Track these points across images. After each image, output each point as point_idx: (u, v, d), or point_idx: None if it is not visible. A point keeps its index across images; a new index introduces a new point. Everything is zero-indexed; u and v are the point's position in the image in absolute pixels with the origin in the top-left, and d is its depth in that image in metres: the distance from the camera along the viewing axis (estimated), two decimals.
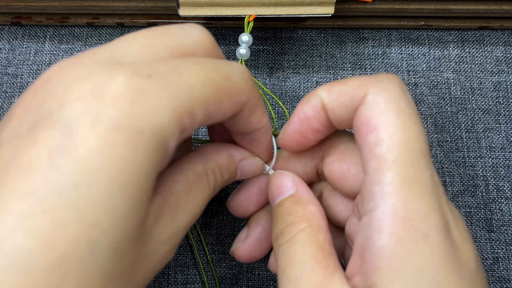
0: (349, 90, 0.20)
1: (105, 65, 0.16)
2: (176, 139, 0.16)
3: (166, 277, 0.28)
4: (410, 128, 0.18)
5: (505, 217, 0.29)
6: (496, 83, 0.32)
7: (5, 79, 0.33)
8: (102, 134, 0.14)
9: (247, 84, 0.19)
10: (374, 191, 0.18)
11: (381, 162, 0.18)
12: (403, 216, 0.17)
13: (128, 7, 0.31)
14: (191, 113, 0.16)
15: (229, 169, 0.22)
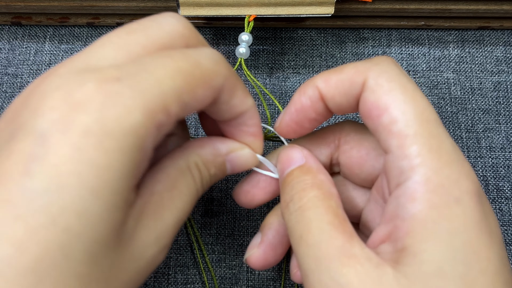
0: (347, 78, 0.20)
1: (77, 73, 0.16)
2: (152, 137, 0.16)
3: (166, 277, 0.28)
4: (419, 101, 0.19)
5: (505, 217, 0.29)
6: (496, 83, 0.32)
7: (5, 79, 0.33)
8: (73, 140, 0.15)
9: (219, 67, 0.19)
10: (403, 166, 0.18)
11: (403, 138, 0.18)
12: (436, 184, 0.17)
13: (128, 7, 0.31)
14: (165, 108, 0.16)
15: (215, 162, 0.21)
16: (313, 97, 0.21)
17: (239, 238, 0.29)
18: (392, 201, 0.18)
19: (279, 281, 0.28)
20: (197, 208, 0.29)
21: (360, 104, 0.20)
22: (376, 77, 0.19)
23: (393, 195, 0.18)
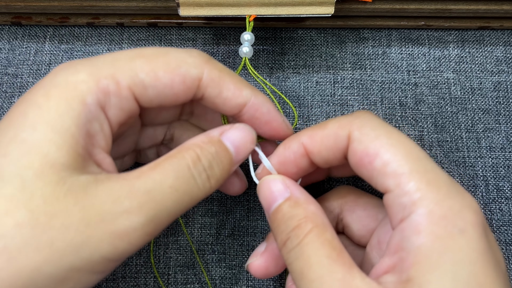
0: (331, 133, 0.21)
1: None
2: (94, 95, 0.19)
3: (166, 277, 0.28)
4: (406, 142, 0.20)
5: (505, 217, 0.29)
6: (496, 83, 0.32)
7: (5, 79, 0.33)
8: (30, 93, 0.19)
9: (194, 59, 0.20)
10: (404, 202, 0.18)
11: (399, 177, 0.19)
12: (439, 215, 0.17)
13: (128, 7, 0.31)
14: (111, 75, 0.19)
15: (212, 142, 0.21)
16: (297, 152, 0.22)
17: (239, 238, 0.29)
18: (396, 235, 0.19)
19: (279, 281, 0.28)
20: (197, 208, 0.29)
21: (349, 155, 0.21)
22: (360, 128, 0.20)
23: (397, 229, 0.19)
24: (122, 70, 0.19)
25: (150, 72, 0.19)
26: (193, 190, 0.20)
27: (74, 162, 0.18)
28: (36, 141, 0.18)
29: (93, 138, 0.19)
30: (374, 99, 0.32)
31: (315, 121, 0.31)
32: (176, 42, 0.34)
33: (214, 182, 0.21)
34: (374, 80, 0.32)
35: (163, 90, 0.20)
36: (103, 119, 0.19)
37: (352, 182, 0.30)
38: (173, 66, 0.20)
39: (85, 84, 0.19)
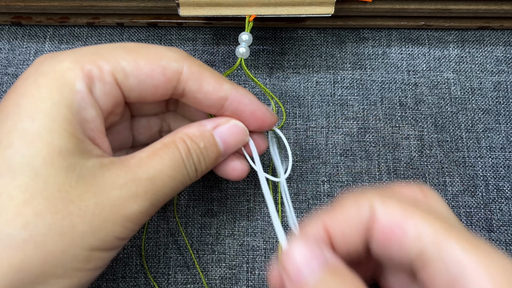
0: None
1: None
2: (82, 81, 0.19)
3: (166, 277, 0.28)
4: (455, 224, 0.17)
5: (505, 217, 0.29)
6: (496, 83, 0.32)
7: (5, 79, 0.33)
8: (19, 81, 0.20)
9: (174, 53, 0.21)
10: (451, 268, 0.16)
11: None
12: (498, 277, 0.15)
13: (128, 7, 0.31)
14: (94, 62, 0.20)
15: (202, 136, 0.22)
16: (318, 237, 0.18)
17: (239, 238, 0.29)
18: None
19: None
20: (197, 208, 0.29)
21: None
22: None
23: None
24: (104, 57, 0.20)
25: (132, 61, 0.20)
26: (185, 179, 0.22)
27: (78, 147, 0.19)
28: (37, 131, 0.18)
29: (90, 123, 0.20)
30: (374, 99, 0.32)
31: (315, 121, 0.31)
32: (176, 42, 0.34)
33: (200, 173, 0.23)
34: (374, 80, 0.32)
35: (144, 79, 0.21)
36: (94, 103, 0.20)
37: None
38: (154, 58, 0.21)
39: (71, 72, 0.20)
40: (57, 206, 0.18)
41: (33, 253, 0.18)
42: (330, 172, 0.30)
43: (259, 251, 0.29)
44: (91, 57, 0.20)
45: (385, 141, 0.31)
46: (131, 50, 0.21)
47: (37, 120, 0.18)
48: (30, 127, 0.18)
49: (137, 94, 0.21)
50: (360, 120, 0.31)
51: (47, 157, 0.18)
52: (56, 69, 0.20)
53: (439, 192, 0.30)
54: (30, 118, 0.19)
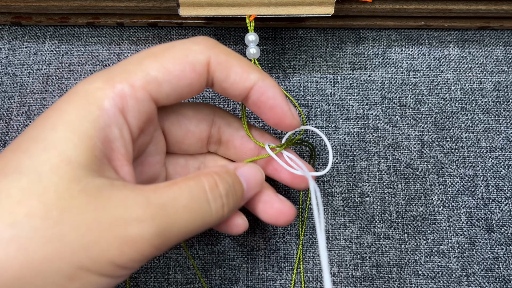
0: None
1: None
2: (111, 100, 0.19)
3: (166, 277, 0.28)
4: None
5: (505, 217, 0.29)
6: (496, 83, 0.32)
7: (5, 79, 0.33)
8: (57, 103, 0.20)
9: (199, 46, 0.21)
10: None
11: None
12: None
13: (128, 7, 0.31)
14: (125, 79, 0.20)
15: (229, 173, 0.22)
16: None
17: (239, 238, 0.29)
18: None
19: (279, 281, 0.28)
20: None
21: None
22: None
23: None
24: (134, 72, 0.20)
25: (160, 67, 0.20)
26: (205, 214, 0.20)
27: (91, 163, 0.19)
28: (54, 140, 0.18)
29: (112, 144, 0.20)
30: (374, 99, 0.32)
31: (315, 121, 0.31)
32: None
33: (227, 211, 0.21)
34: (374, 80, 0.32)
35: (177, 82, 0.21)
36: (122, 124, 0.20)
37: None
38: (181, 56, 0.20)
39: (101, 91, 0.20)
40: (50, 212, 0.17)
41: (13, 254, 0.16)
42: (330, 172, 0.30)
43: (259, 251, 0.29)
44: (121, 75, 0.20)
45: (385, 141, 0.31)
46: (157, 55, 0.20)
47: (58, 131, 0.19)
48: (49, 136, 0.19)
49: (173, 98, 0.21)
50: (360, 120, 0.31)
51: (54, 164, 0.18)
52: (87, 88, 0.20)
53: (439, 192, 0.30)
54: (52, 128, 0.19)
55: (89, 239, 0.17)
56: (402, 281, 0.28)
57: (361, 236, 0.29)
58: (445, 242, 0.29)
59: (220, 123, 0.25)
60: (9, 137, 0.31)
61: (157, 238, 0.18)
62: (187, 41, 0.21)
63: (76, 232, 0.17)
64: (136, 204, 0.18)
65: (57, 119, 0.19)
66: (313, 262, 0.28)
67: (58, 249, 0.17)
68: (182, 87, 0.21)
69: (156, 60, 0.20)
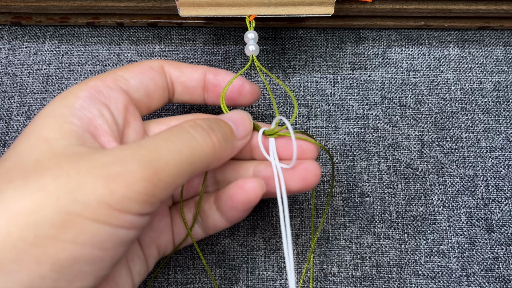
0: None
1: None
2: (86, 91, 0.22)
3: (166, 277, 0.28)
4: None
5: (505, 217, 0.29)
6: (496, 83, 0.32)
7: (5, 79, 0.33)
8: None
9: (152, 60, 0.26)
10: None
11: None
12: None
13: (128, 7, 0.31)
14: (97, 78, 0.23)
15: (208, 116, 0.24)
16: None
17: (239, 238, 0.29)
18: None
19: (279, 281, 0.28)
20: None
21: None
22: None
23: None
24: (104, 75, 0.24)
25: (125, 70, 0.24)
26: (191, 143, 0.20)
27: (68, 137, 0.20)
28: (32, 128, 0.20)
29: (93, 121, 0.21)
30: (374, 99, 0.32)
31: (315, 121, 0.31)
32: (176, 42, 0.34)
33: (216, 140, 0.21)
34: (374, 80, 0.32)
35: (141, 77, 0.24)
36: (100, 105, 0.22)
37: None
38: (140, 64, 0.25)
39: (76, 87, 0.22)
40: (30, 173, 0.18)
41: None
42: (330, 172, 0.30)
43: (259, 251, 0.29)
44: (95, 77, 0.23)
45: (385, 141, 0.31)
46: (122, 67, 0.25)
47: (35, 121, 0.21)
48: (28, 129, 0.21)
49: (143, 92, 0.24)
50: (360, 120, 0.31)
51: (31, 145, 0.19)
52: (65, 91, 0.23)
53: (439, 192, 0.30)
54: (32, 123, 0.21)
55: (71, 184, 0.17)
56: (402, 281, 0.28)
57: (361, 236, 0.29)
58: (445, 242, 0.29)
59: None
60: (9, 137, 0.31)
61: (144, 169, 0.18)
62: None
63: (56, 181, 0.17)
64: (114, 150, 0.19)
65: (38, 116, 0.21)
66: (313, 262, 0.28)
67: (41, 198, 0.17)
68: (146, 80, 0.24)
69: (121, 68, 0.24)
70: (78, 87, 0.22)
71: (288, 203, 0.30)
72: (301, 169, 0.23)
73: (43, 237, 0.16)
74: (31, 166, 0.18)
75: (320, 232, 0.29)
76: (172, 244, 0.25)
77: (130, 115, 0.24)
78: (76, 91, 0.22)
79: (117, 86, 0.23)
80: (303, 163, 0.23)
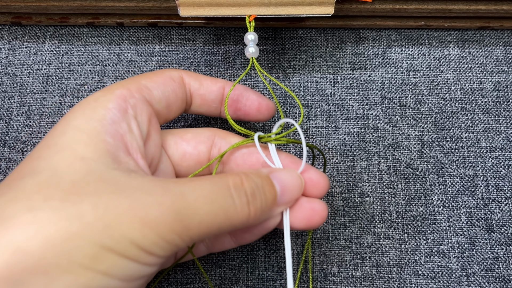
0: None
1: None
2: (114, 101, 0.21)
3: (166, 277, 0.28)
4: None
5: (505, 217, 0.29)
6: (496, 83, 0.32)
7: (5, 79, 0.33)
8: None
9: (171, 70, 0.26)
10: None
11: None
12: None
13: (128, 7, 0.31)
14: (122, 86, 0.22)
15: (258, 174, 0.21)
16: None
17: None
18: None
19: (279, 281, 0.28)
20: None
21: None
22: None
23: None
24: (128, 83, 0.23)
25: (148, 79, 0.24)
26: (229, 209, 0.19)
27: (104, 157, 0.19)
28: (65, 142, 0.19)
29: (124, 137, 0.21)
30: (374, 99, 0.32)
31: (315, 121, 0.31)
32: (176, 42, 0.34)
33: (253, 211, 0.20)
34: (374, 80, 0.32)
35: (163, 88, 0.24)
36: (129, 119, 0.21)
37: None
38: (161, 74, 0.25)
39: (103, 96, 0.22)
40: (68, 196, 0.17)
41: (33, 234, 0.16)
42: (330, 172, 0.30)
43: (259, 251, 0.29)
44: (117, 86, 0.22)
45: (385, 141, 0.31)
46: (143, 75, 0.24)
47: (67, 134, 0.20)
48: (59, 140, 0.20)
49: (165, 103, 0.24)
50: (360, 120, 0.31)
51: (68, 162, 0.18)
52: (88, 98, 0.22)
53: (439, 192, 0.30)
54: (61, 134, 0.20)
55: (108, 218, 0.17)
56: (402, 281, 0.28)
57: (361, 236, 0.29)
58: (445, 242, 0.29)
59: (220, 144, 0.25)
60: (9, 137, 0.31)
61: (178, 223, 0.18)
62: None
63: (95, 212, 0.17)
64: (155, 190, 0.18)
65: (65, 126, 0.20)
66: (313, 262, 0.28)
67: (78, 228, 0.17)
68: (168, 92, 0.24)
69: (143, 76, 0.24)
70: (105, 96, 0.21)
71: None
72: (307, 209, 0.23)
73: (76, 266, 0.17)
74: (69, 187, 0.18)
75: (303, 234, 0.29)
76: (173, 259, 0.25)
77: (152, 128, 0.23)
78: (105, 102, 0.21)
79: (142, 96, 0.23)
80: (311, 203, 0.23)
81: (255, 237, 0.24)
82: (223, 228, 0.20)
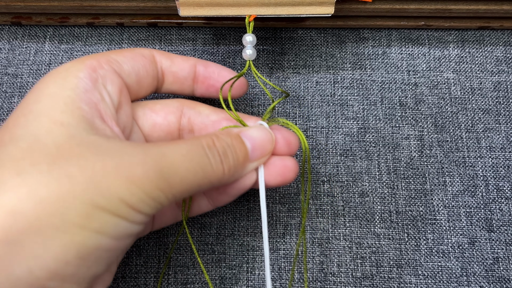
0: None
1: None
2: (85, 71, 0.22)
3: (166, 277, 0.28)
4: None
5: (505, 217, 0.29)
6: (496, 83, 0.32)
7: (5, 79, 0.33)
8: None
9: (143, 48, 0.27)
10: None
11: None
12: None
13: (128, 7, 0.31)
14: (92, 58, 0.23)
15: (228, 134, 0.23)
16: None
17: (239, 238, 0.29)
18: None
19: (279, 281, 0.28)
20: None
21: None
22: None
23: None
24: (98, 55, 0.23)
25: (118, 54, 0.24)
26: (206, 167, 0.21)
27: (82, 123, 0.20)
28: (41, 109, 0.19)
29: (98, 105, 0.21)
30: (374, 99, 0.32)
31: (315, 121, 0.31)
32: (176, 42, 0.34)
33: (227, 169, 0.22)
34: (374, 80, 0.32)
35: (133, 63, 0.24)
36: (101, 88, 0.22)
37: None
38: (132, 50, 0.25)
39: (73, 66, 0.22)
40: (55, 160, 0.18)
41: (25, 196, 0.17)
42: (330, 172, 0.30)
43: (259, 251, 0.29)
44: (89, 56, 0.23)
45: (385, 141, 0.31)
46: (114, 50, 0.24)
47: (42, 102, 0.20)
48: (34, 108, 0.20)
49: (135, 77, 0.24)
50: (360, 120, 0.31)
51: (48, 128, 0.19)
52: (59, 69, 0.22)
53: (439, 192, 0.30)
54: (36, 102, 0.20)
55: (97, 178, 0.18)
56: (402, 281, 0.28)
57: (361, 236, 0.29)
58: (445, 242, 0.29)
59: (189, 113, 0.26)
60: None
61: (162, 181, 0.19)
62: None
63: (83, 172, 0.18)
64: (137, 151, 0.19)
65: (39, 94, 0.20)
66: (313, 262, 0.28)
67: (68, 188, 0.17)
68: (138, 67, 0.24)
69: (114, 51, 0.24)
70: (75, 66, 0.22)
71: (281, 196, 0.30)
72: (280, 166, 0.24)
73: (71, 225, 0.17)
74: (54, 152, 0.18)
75: (307, 213, 0.29)
76: (149, 227, 0.26)
77: (124, 98, 0.23)
78: (75, 72, 0.21)
79: (111, 68, 0.23)
80: (283, 160, 0.24)
81: (231, 198, 0.25)
82: (202, 185, 0.21)
